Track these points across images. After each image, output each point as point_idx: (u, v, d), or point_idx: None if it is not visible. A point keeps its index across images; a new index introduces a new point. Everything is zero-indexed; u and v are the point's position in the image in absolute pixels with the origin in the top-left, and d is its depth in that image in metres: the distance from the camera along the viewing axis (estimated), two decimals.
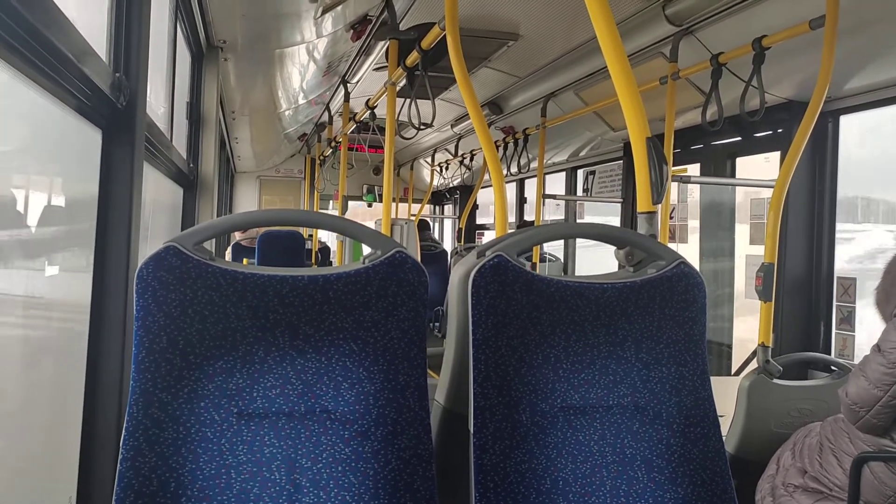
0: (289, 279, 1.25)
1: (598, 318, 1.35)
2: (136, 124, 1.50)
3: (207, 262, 1.22)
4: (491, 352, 1.29)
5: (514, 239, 1.40)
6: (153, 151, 2.01)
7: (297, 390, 1.23)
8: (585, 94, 4.38)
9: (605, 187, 5.52)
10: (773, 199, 2.50)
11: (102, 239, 1.43)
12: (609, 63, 1.54)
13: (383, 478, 1.22)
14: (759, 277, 2.42)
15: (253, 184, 9.39)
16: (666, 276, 1.39)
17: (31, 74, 1.11)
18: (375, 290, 1.27)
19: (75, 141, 1.43)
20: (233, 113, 5.40)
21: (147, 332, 1.18)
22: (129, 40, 1.50)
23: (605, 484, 1.29)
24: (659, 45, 3.40)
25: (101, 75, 1.33)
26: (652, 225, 1.52)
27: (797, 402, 2.30)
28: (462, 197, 8.65)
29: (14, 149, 1.25)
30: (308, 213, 1.36)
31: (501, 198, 2.28)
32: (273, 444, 1.20)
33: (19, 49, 1.01)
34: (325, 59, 4.19)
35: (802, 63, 3.02)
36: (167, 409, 1.17)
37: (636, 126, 1.50)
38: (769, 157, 3.74)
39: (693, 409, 1.35)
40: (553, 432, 1.29)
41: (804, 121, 2.48)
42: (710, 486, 1.33)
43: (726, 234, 4.21)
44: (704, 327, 1.40)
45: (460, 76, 2.36)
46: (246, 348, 1.22)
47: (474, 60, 4.27)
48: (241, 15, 3.13)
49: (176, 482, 1.15)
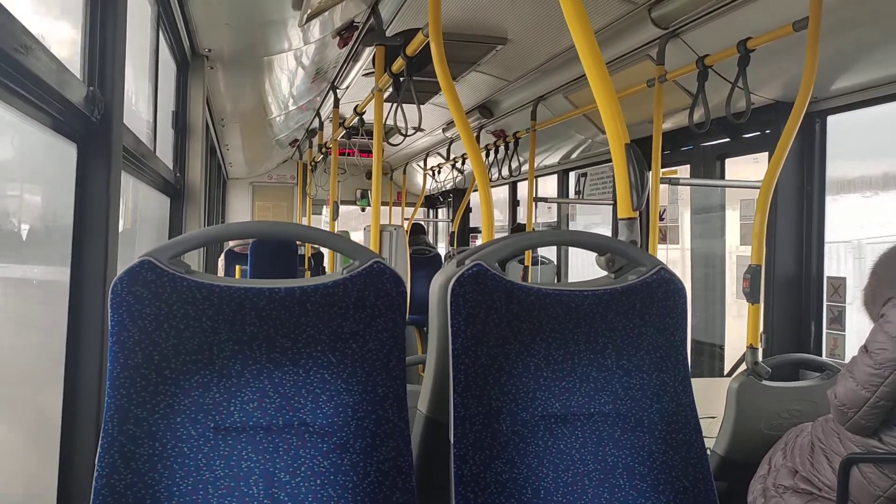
0: (265, 291, 1.24)
1: (579, 325, 1.35)
2: (111, 137, 1.49)
3: (183, 276, 1.21)
4: (470, 361, 1.28)
5: (494, 247, 1.39)
6: (134, 163, 2.00)
7: (275, 403, 1.22)
8: (574, 97, 4.38)
9: (597, 189, 5.52)
10: (759, 200, 2.50)
11: (79, 253, 1.42)
12: (587, 69, 1.53)
13: (363, 490, 1.21)
14: (747, 279, 2.41)
15: (245, 190, 9.38)
16: (646, 283, 1.39)
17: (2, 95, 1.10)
18: (353, 300, 1.27)
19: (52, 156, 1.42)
20: (223, 120, 5.39)
21: (122, 347, 1.17)
22: (104, 53, 1.50)
23: (588, 492, 1.28)
24: (646, 48, 3.41)
25: (74, 90, 1.32)
26: (633, 231, 1.51)
27: (787, 404, 2.29)
28: (455, 200, 8.65)
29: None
30: (284, 224, 1.35)
31: (487, 203, 2.27)
32: (251, 458, 1.19)
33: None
34: (314, 65, 4.19)
35: (788, 64, 3.03)
36: (142, 424, 1.16)
37: (615, 132, 1.50)
38: (758, 157, 3.74)
39: (675, 416, 1.35)
40: (534, 441, 1.28)
41: (790, 121, 2.48)
42: (692, 492, 1.32)
43: (717, 234, 4.21)
44: (685, 333, 1.40)
45: (444, 83, 2.35)
46: (223, 362, 1.21)
47: (463, 65, 4.27)
48: (225, 23, 3.12)
49: (152, 499, 1.14)
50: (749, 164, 3.84)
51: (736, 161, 4.01)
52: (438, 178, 7.83)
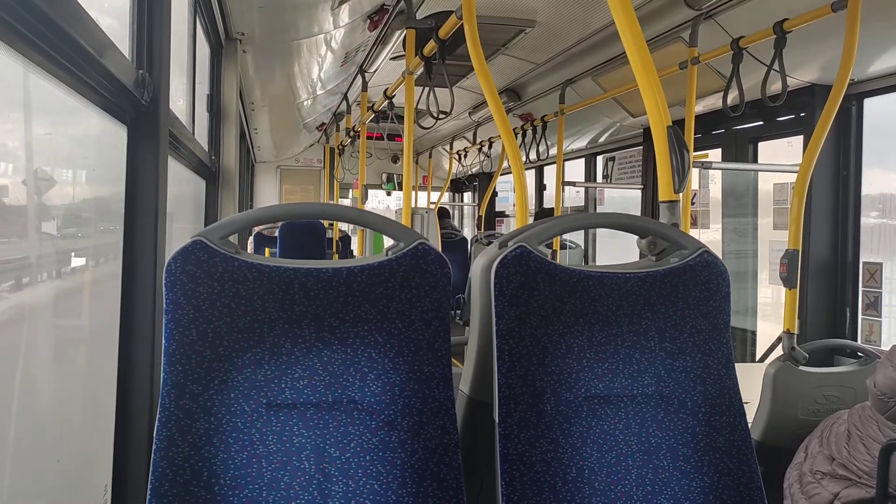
0: (313, 272, 1.26)
1: (622, 307, 1.35)
2: (159, 120, 1.51)
3: (233, 256, 1.23)
4: (514, 342, 1.30)
5: (537, 229, 1.40)
6: (176, 145, 2.04)
7: (324, 381, 1.25)
8: (604, 80, 4.35)
9: (625, 173, 5.49)
10: (797, 185, 2.48)
11: (130, 234, 1.45)
12: (628, 51, 1.53)
13: (410, 467, 1.24)
14: (784, 264, 2.39)
15: (273, 174, 9.45)
16: (689, 266, 1.39)
17: (56, 72, 1.13)
18: (399, 281, 1.29)
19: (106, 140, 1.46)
20: (252, 104, 5.43)
21: (177, 324, 1.20)
22: (152, 37, 1.52)
23: (631, 473, 1.29)
24: (678, 30, 3.37)
25: (125, 72, 1.34)
26: (674, 214, 1.51)
27: (824, 389, 2.28)
28: (481, 184, 8.64)
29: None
30: (332, 206, 1.38)
31: (521, 186, 2.27)
32: (302, 433, 1.22)
33: (44, 48, 1.03)
34: (343, 49, 4.20)
35: (825, 46, 2.98)
36: (198, 399, 1.19)
37: (656, 114, 1.50)
38: (791, 141, 3.69)
39: (718, 399, 1.35)
40: (578, 421, 1.30)
41: (828, 104, 2.45)
42: (736, 474, 1.33)
43: (749, 219, 4.17)
44: (728, 316, 1.40)
45: (478, 65, 2.35)
46: (273, 340, 1.24)
47: (491, 48, 4.25)
48: (259, 7, 3.14)
49: (209, 471, 1.17)
50: (783, 147, 3.79)
51: (767, 144, 3.96)
52: (465, 162, 7.82)
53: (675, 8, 3.17)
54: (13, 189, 1.17)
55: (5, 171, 1.15)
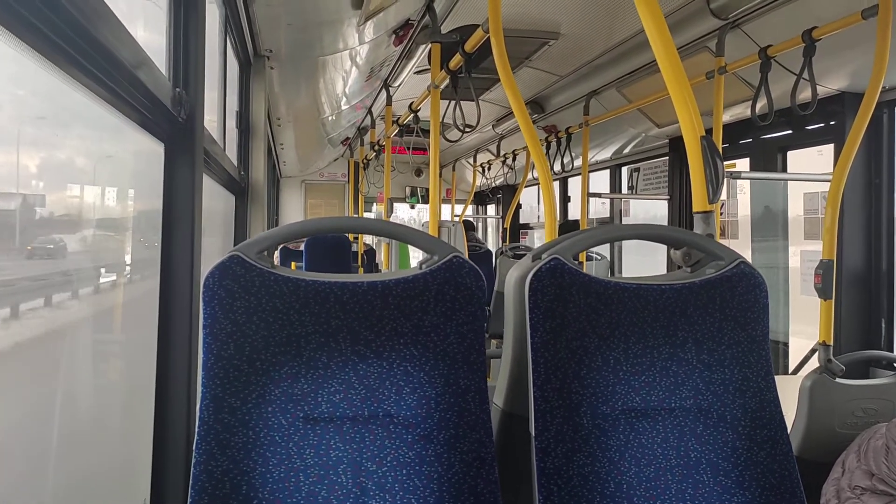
0: (349, 286, 1.27)
1: (658, 319, 1.34)
2: (195, 138, 1.54)
3: (270, 271, 1.25)
4: (550, 355, 1.29)
5: (571, 241, 1.39)
6: (209, 162, 2.06)
7: (361, 395, 1.25)
8: (628, 90, 4.34)
9: (651, 184, 5.45)
10: (830, 194, 2.44)
11: (167, 249, 1.47)
12: (660, 61, 1.52)
13: (447, 480, 1.23)
14: (819, 275, 2.36)
15: (298, 188, 9.53)
16: (726, 277, 1.37)
17: (95, 88, 1.15)
18: (434, 294, 1.29)
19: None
20: (278, 120, 5.49)
21: (215, 339, 1.21)
22: (188, 56, 1.55)
23: (671, 487, 1.28)
24: (704, 40, 3.35)
25: (163, 89, 1.37)
26: (709, 224, 1.50)
27: (861, 402, 2.23)
28: (505, 196, 8.64)
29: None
30: (367, 220, 1.39)
31: (549, 197, 2.26)
32: (339, 447, 1.22)
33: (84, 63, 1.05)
34: (368, 63, 4.23)
35: (855, 53, 2.95)
36: (236, 413, 1.20)
37: (689, 125, 1.49)
38: (822, 150, 3.65)
39: (758, 412, 1.33)
40: (615, 435, 1.28)
41: (860, 113, 2.41)
42: (778, 489, 1.30)
43: (779, 229, 4.12)
44: (767, 328, 1.38)
45: (505, 78, 2.36)
46: (310, 354, 1.24)
47: (515, 60, 4.26)
48: (287, 24, 3.18)
49: (247, 485, 1.18)
50: (813, 157, 3.74)
51: (796, 153, 3.92)
52: (489, 175, 7.83)
53: (702, 18, 3.16)
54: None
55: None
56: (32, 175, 1.10)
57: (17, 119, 1.07)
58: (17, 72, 0.98)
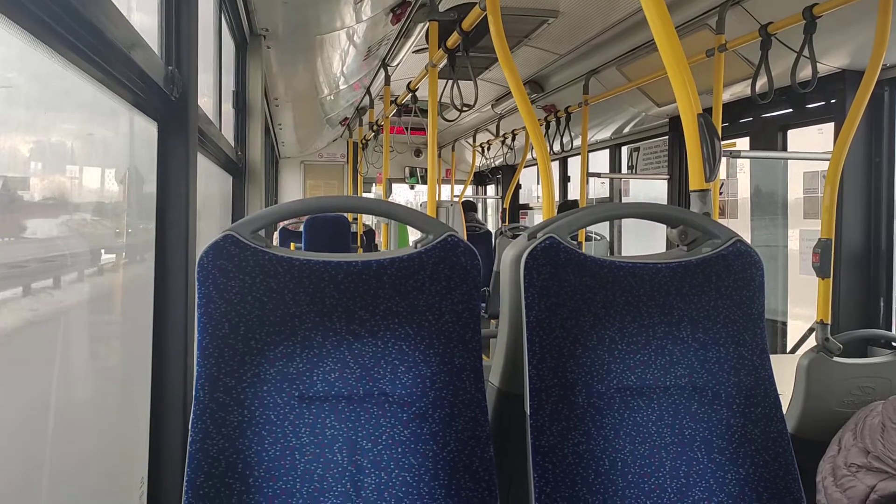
0: (343, 265, 1.26)
1: (653, 298, 1.34)
2: (189, 117, 1.53)
3: (264, 250, 1.24)
4: (545, 334, 1.29)
5: (566, 220, 1.39)
6: (204, 141, 2.05)
7: (356, 374, 1.25)
8: (628, 69, 4.31)
9: (651, 164, 5.43)
10: (829, 173, 2.43)
11: (162, 229, 1.47)
12: (657, 39, 1.51)
13: (442, 459, 1.24)
14: (817, 254, 2.35)
15: (297, 169, 9.50)
16: (722, 255, 1.37)
17: (87, 68, 1.14)
18: (429, 273, 1.28)
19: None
20: (276, 100, 5.46)
21: (210, 318, 1.21)
22: (180, 34, 1.53)
23: (665, 465, 1.28)
24: (704, 17, 3.32)
25: (155, 68, 1.36)
26: (705, 203, 1.49)
27: (858, 381, 2.23)
28: (504, 176, 8.61)
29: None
30: (362, 199, 1.38)
31: (547, 177, 2.25)
32: (334, 426, 1.23)
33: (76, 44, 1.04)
34: (365, 42, 4.20)
35: (856, 31, 2.92)
36: (232, 392, 1.20)
37: (687, 103, 1.47)
38: (822, 128, 3.63)
39: (753, 390, 1.33)
40: (610, 414, 1.29)
41: (860, 91, 2.39)
42: (772, 466, 1.31)
43: (778, 208, 4.11)
44: (763, 307, 1.38)
45: (502, 56, 2.33)
46: (304, 333, 1.24)
47: (513, 39, 4.22)
48: (283, 2, 3.15)
49: (243, 463, 1.18)
50: (813, 135, 3.72)
51: (796, 132, 3.89)
52: (488, 155, 7.80)
53: None
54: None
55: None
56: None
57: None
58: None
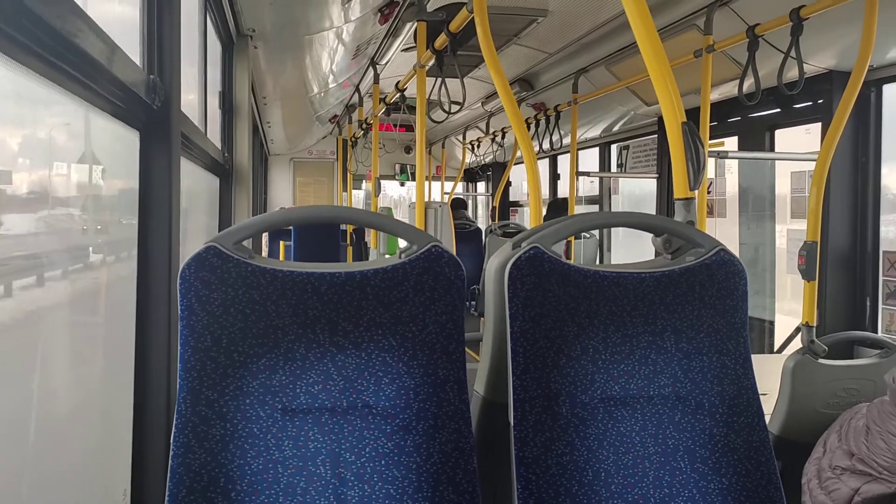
0: (327, 276, 1.26)
1: (637, 308, 1.34)
2: (171, 124, 1.51)
3: (247, 261, 1.23)
4: (529, 344, 1.29)
5: (551, 230, 1.39)
6: (189, 146, 2.04)
7: (339, 386, 1.25)
8: (617, 68, 4.31)
9: (640, 162, 5.44)
10: (815, 174, 2.44)
11: (144, 239, 1.46)
12: (641, 46, 1.50)
13: (426, 471, 1.24)
14: (802, 256, 2.36)
15: (286, 166, 9.46)
16: (705, 264, 1.37)
17: (66, 83, 1.13)
18: (412, 284, 1.28)
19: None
20: (264, 98, 5.43)
21: (192, 331, 1.20)
22: (162, 42, 1.52)
23: (648, 475, 1.29)
24: (692, 18, 3.32)
25: (136, 79, 1.34)
26: (689, 211, 1.49)
27: (844, 382, 2.24)
28: (495, 174, 8.60)
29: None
30: (346, 210, 1.37)
31: (534, 178, 2.25)
32: (317, 438, 1.22)
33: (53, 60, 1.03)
34: (354, 41, 4.18)
35: (843, 32, 2.93)
36: (214, 406, 1.19)
37: (671, 110, 1.47)
38: (810, 128, 3.64)
39: (736, 399, 1.34)
40: (594, 424, 1.29)
41: (846, 91, 2.40)
42: (754, 475, 1.31)
43: (766, 208, 4.12)
44: (746, 315, 1.38)
45: (489, 59, 2.33)
46: (287, 345, 1.24)
47: (503, 38, 4.22)
48: (269, 3, 3.13)
49: (225, 477, 1.18)
50: (801, 135, 3.73)
51: (784, 131, 3.91)
52: (478, 152, 7.79)
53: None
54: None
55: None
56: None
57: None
58: None
